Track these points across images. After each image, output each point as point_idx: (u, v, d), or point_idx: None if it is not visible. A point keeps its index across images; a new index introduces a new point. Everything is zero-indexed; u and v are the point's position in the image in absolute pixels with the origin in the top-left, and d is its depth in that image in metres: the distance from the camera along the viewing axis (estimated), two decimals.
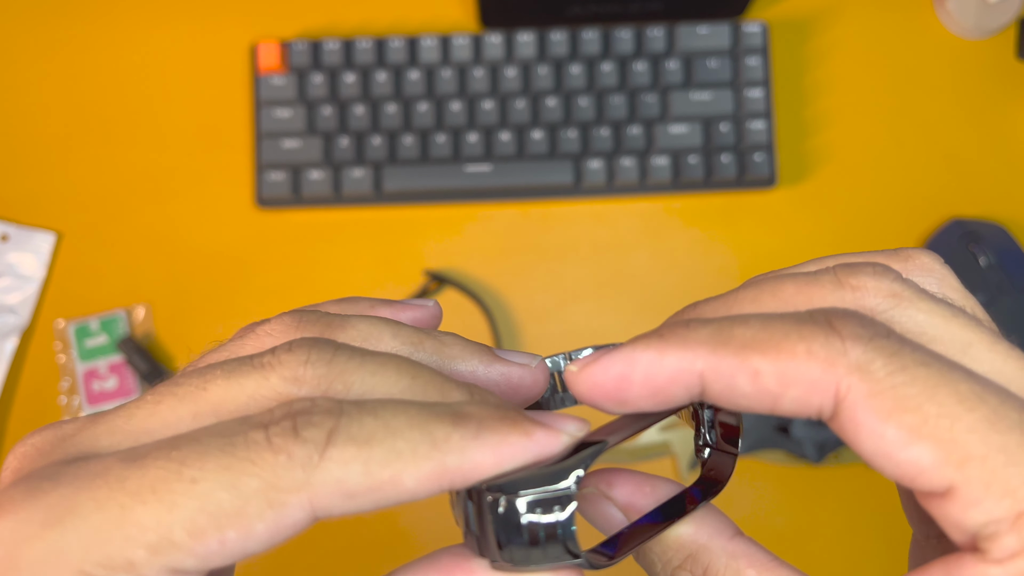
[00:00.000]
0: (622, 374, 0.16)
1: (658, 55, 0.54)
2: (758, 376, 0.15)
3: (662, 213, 0.55)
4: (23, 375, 0.53)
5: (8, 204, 0.54)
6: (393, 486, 0.14)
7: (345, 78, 0.53)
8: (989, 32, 0.56)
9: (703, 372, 0.15)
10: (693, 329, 0.16)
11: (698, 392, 0.15)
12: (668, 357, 0.15)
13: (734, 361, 0.15)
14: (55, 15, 0.56)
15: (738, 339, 0.15)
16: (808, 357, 0.14)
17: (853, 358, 0.14)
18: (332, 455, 0.14)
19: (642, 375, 0.16)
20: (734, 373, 0.15)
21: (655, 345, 0.16)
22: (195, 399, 0.15)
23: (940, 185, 0.55)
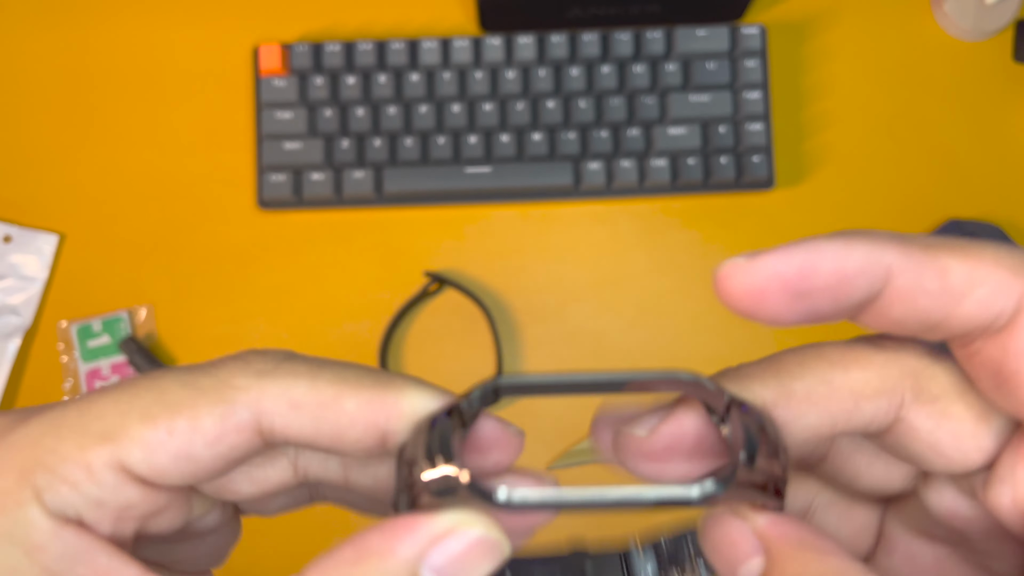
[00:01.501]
0: (807, 262, 0.14)
1: (657, 58, 0.55)
2: (946, 273, 0.14)
3: (661, 214, 0.55)
4: (26, 375, 0.53)
5: (11, 205, 0.55)
6: (335, 405, 0.15)
7: (346, 80, 0.54)
8: (986, 34, 0.56)
9: (891, 265, 0.14)
10: (875, 232, 0.15)
11: (879, 290, 0.15)
12: (857, 248, 0.15)
13: (924, 257, 0.14)
14: (58, 17, 0.57)
15: (924, 242, 0.15)
16: (996, 263, 0.14)
17: None
18: (285, 367, 0.15)
19: (830, 264, 0.14)
20: (922, 269, 0.14)
21: (839, 239, 0.15)
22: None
23: (937, 186, 0.56)
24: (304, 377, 0.15)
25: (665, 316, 0.54)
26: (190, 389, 0.14)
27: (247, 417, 0.14)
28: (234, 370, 0.15)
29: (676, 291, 0.55)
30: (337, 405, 0.15)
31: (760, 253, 0.15)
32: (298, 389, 0.15)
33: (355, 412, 0.15)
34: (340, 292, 0.54)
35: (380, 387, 0.15)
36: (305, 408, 0.15)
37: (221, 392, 0.14)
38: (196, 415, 0.14)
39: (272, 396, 0.15)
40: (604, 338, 0.54)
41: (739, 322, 0.54)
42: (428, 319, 0.54)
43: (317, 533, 0.52)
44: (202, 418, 0.14)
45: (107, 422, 0.14)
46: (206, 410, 0.14)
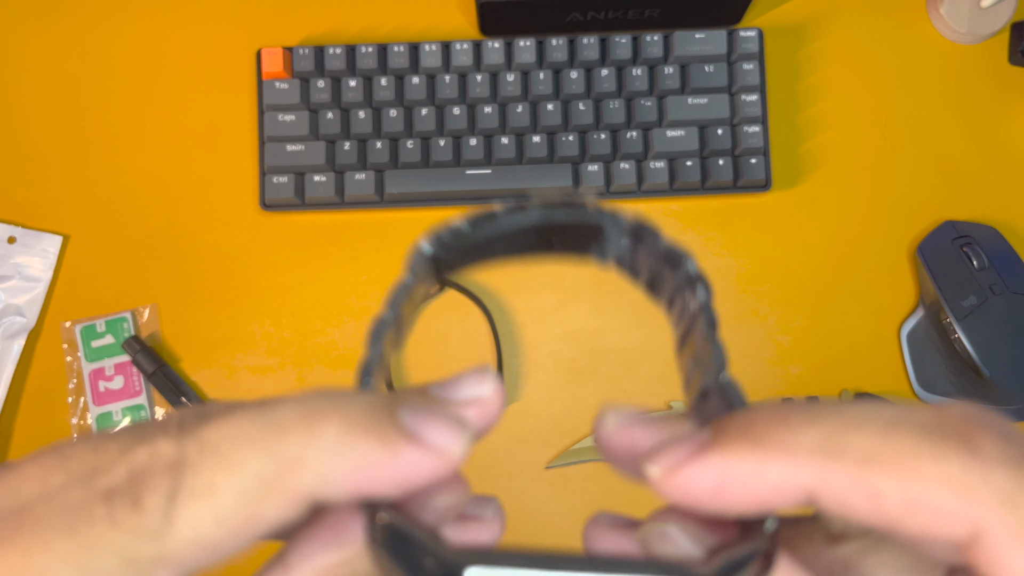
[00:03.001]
0: (718, 484, 0.13)
1: (655, 61, 0.55)
2: (878, 498, 0.12)
3: (659, 216, 0.56)
4: (30, 375, 0.54)
5: (16, 207, 0.55)
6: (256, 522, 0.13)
7: (348, 83, 0.54)
8: (982, 37, 0.57)
9: (812, 487, 0.13)
10: (796, 431, 0.13)
11: (803, 503, 0.13)
12: (770, 469, 0.13)
13: (850, 478, 0.13)
14: (61, 19, 0.57)
15: (854, 450, 0.13)
16: (942, 482, 0.12)
17: (998, 486, 0.12)
18: (179, 520, 0.13)
19: (740, 488, 0.13)
20: (849, 491, 0.13)
21: (751, 454, 0.13)
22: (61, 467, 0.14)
23: (933, 188, 0.56)
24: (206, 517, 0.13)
25: (663, 317, 0.55)
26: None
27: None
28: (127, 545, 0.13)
29: None
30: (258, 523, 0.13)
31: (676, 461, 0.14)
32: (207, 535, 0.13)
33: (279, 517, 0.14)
34: (342, 293, 0.55)
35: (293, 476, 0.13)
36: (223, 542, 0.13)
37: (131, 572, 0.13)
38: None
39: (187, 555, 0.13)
40: (603, 338, 0.54)
41: (736, 324, 0.55)
42: (429, 320, 0.55)
43: None
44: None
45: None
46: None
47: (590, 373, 0.54)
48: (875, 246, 0.56)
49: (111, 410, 0.53)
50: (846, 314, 0.55)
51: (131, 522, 0.13)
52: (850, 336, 0.55)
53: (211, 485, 0.13)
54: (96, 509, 0.13)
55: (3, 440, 0.53)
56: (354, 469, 0.13)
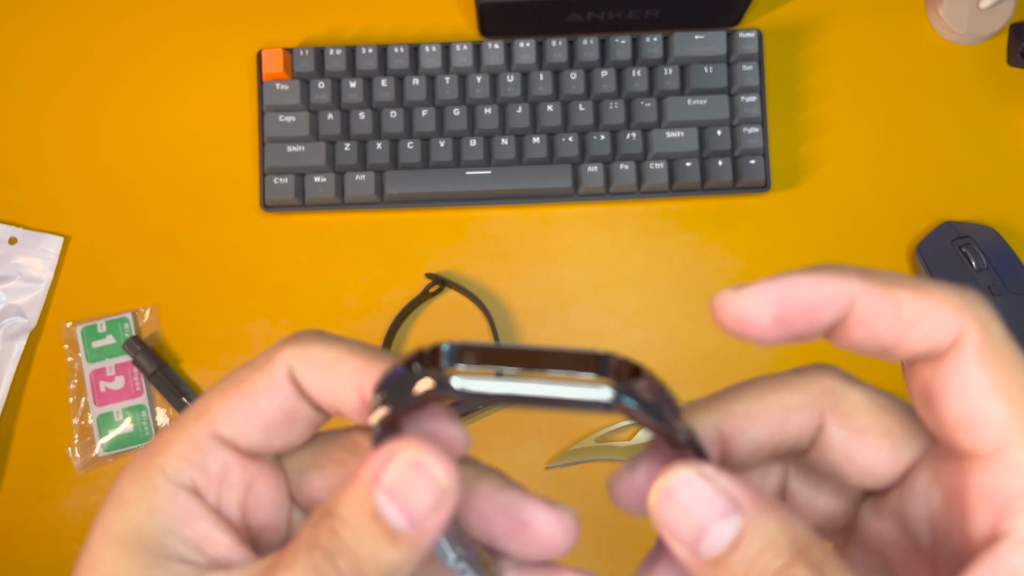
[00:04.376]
0: (783, 294, 0.17)
1: (655, 62, 0.55)
2: (899, 305, 0.17)
3: (659, 217, 0.56)
4: (31, 376, 0.54)
5: (17, 208, 0.55)
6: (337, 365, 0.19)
7: (348, 84, 0.54)
8: (981, 38, 0.57)
9: (854, 296, 0.17)
10: (843, 266, 0.18)
11: (844, 315, 0.17)
12: (826, 281, 0.17)
13: (883, 290, 0.17)
14: (62, 21, 0.57)
15: (885, 277, 0.17)
16: (944, 300, 0.17)
17: (979, 312, 0.16)
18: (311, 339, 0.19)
19: (802, 294, 0.17)
20: (880, 300, 0.17)
21: (811, 273, 0.17)
22: None
23: (932, 188, 0.56)
24: (321, 345, 0.18)
25: (663, 317, 0.55)
26: (249, 368, 0.19)
27: (283, 372, 0.18)
28: (278, 346, 0.19)
29: (674, 292, 0.55)
30: (338, 365, 0.18)
31: (746, 285, 0.17)
32: (315, 352, 0.18)
33: (347, 373, 0.18)
34: (342, 293, 0.55)
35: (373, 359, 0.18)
36: (317, 364, 0.18)
37: (267, 360, 0.19)
38: (254, 381, 0.18)
39: (297, 356, 0.18)
40: (602, 338, 0.55)
41: None
42: (429, 320, 0.55)
43: None
44: (257, 381, 0.18)
45: (199, 406, 0.18)
46: (259, 375, 0.18)
47: None
48: (874, 247, 0.56)
49: (112, 410, 0.53)
50: None
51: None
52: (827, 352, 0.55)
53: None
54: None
55: (4, 440, 0.53)
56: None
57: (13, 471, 0.53)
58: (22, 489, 0.53)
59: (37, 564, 0.52)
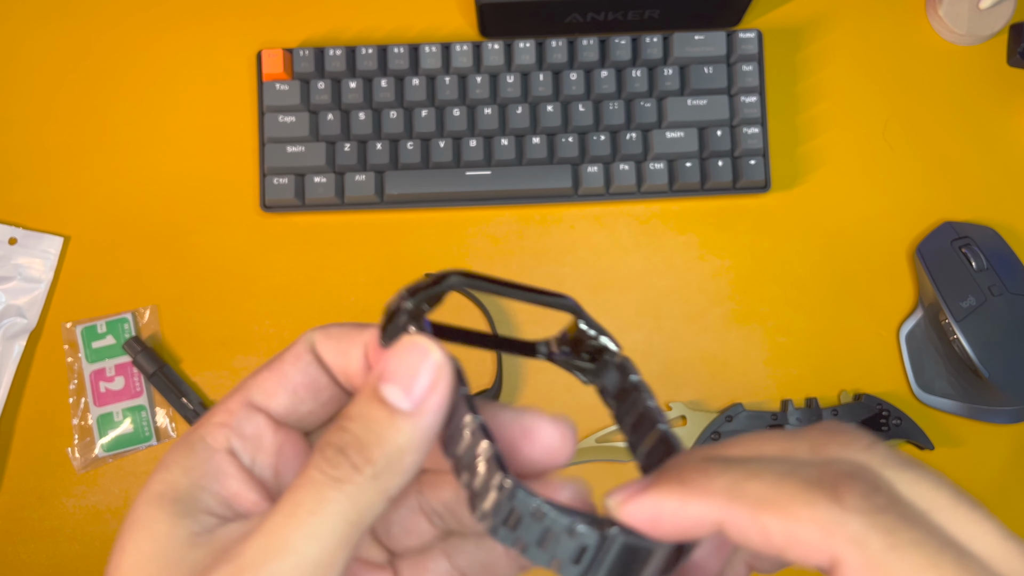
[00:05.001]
0: (653, 516, 0.18)
1: (655, 63, 0.55)
2: (766, 532, 0.16)
3: (658, 217, 0.56)
4: (31, 376, 0.54)
5: (17, 208, 0.55)
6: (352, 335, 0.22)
7: (348, 85, 0.54)
8: (981, 39, 0.57)
9: (719, 521, 0.17)
10: (712, 476, 0.17)
11: (716, 532, 0.17)
12: (690, 506, 0.17)
13: (748, 516, 0.17)
14: (63, 21, 0.57)
15: (751, 495, 0.17)
16: (811, 522, 0.16)
17: (852, 530, 0.15)
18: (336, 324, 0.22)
19: (669, 519, 0.18)
20: (746, 526, 0.17)
21: (677, 492, 0.18)
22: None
23: (932, 189, 0.56)
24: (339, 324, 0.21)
25: (663, 317, 0.55)
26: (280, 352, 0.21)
27: (306, 344, 0.21)
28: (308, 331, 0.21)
29: (673, 292, 0.55)
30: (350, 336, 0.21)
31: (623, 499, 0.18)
32: (333, 328, 0.21)
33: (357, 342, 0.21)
34: (342, 294, 0.55)
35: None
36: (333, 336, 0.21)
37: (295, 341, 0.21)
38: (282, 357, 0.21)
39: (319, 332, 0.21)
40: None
41: (734, 325, 0.55)
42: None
43: None
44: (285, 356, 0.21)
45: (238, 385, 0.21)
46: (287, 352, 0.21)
47: None
48: (874, 247, 0.56)
49: (112, 411, 0.53)
50: (845, 315, 0.55)
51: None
52: (849, 337, 0.55)
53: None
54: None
55: (4, 440, 0.53)
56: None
57: (13, 471, 0.53)
58: (22, 489, 0.53)
59: (37, 564, 0.52)
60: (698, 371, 0.54)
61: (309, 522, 0.17)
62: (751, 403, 0.54)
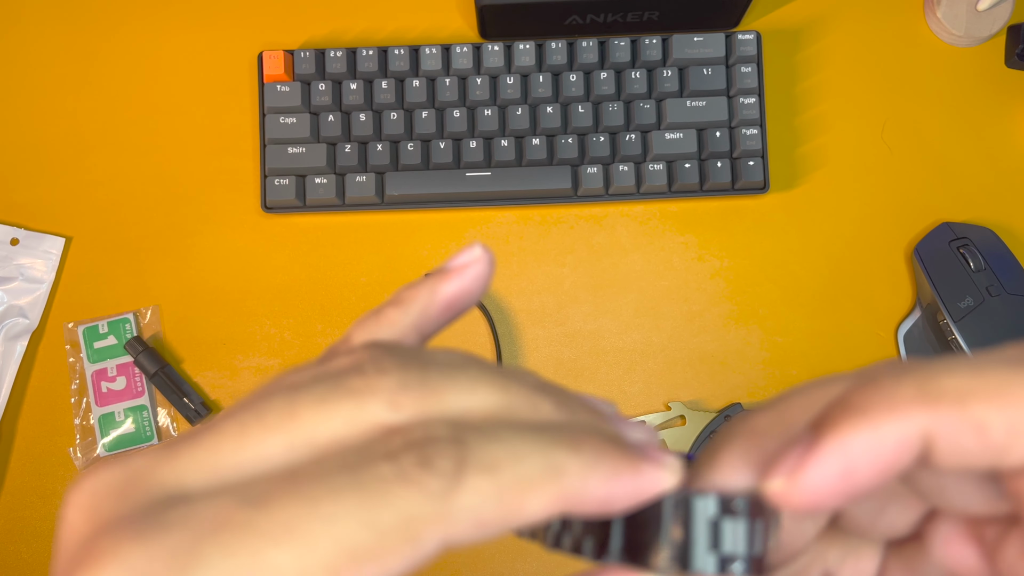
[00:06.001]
0: (845, 470, 0.14)
1: (654, 64, 0.55)
2: (984, 429, 0.13)
3: (658, 218, 0.56)
4: (33, 376, 0.54)
5: (18, 209, 0.56)
6: (519, 512, 0.14)
7: (349, 86, 0.55)
8: (978, 40, 0.57)
9: (925, 433, 0.13)
10: (892, 387, 0.14)
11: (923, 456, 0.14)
12: (885, 429, 0.14)
13: (956, 415, 0.13)
14: (65, 23, 0.58)
15: (951, 390, 0.13)
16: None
17: None
18: (467, 485, 0.13)
19: (866, 461, 0.14)
20: (957, 428, 0.13)
21: (861, 421, 0.14)
22: (286, 428, 0.14)
23: (930, 190, 0.56)
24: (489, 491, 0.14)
25: (662, 317, 0.55)
26: (372, 531, 0.13)
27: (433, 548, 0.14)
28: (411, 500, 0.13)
29: (673, 293, 0.55)
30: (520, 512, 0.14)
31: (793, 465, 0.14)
32: (485, 509, 0.14)
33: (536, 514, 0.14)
34: (343, 294, 0.55)
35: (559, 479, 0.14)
36: (491, 523, 0.14)
37: (407, 531, 0.13)
38: (384, 561, 0.13)
39: (460, 524, 0.14)
40: (602, 339, 0.55)
41: (733, 326, 0.55)
42: None
43: None
44: (390, 562, 0.13)
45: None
46: (393, 553, 0.13)
47: (590, 374, 0.54)
48: (872, 248, 0.56)
49: (113, 411, 0.53)
50: (843, 315, 0.55)
51: (420, 479, 0.13)
52: (847, 337, 0.55)
53: (495, 463, 0.14)
54: (383, 467, 0.13)
55: (6, 441, 0.53)
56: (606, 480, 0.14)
57: (15, 471, 0.53)
58: (24, 489, 0.53)
59: (38, 564, 0.53)
60: (697, 371, 0.55)
61: None
62: (750, 403, 0.54)
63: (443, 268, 0.19)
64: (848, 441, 0.14)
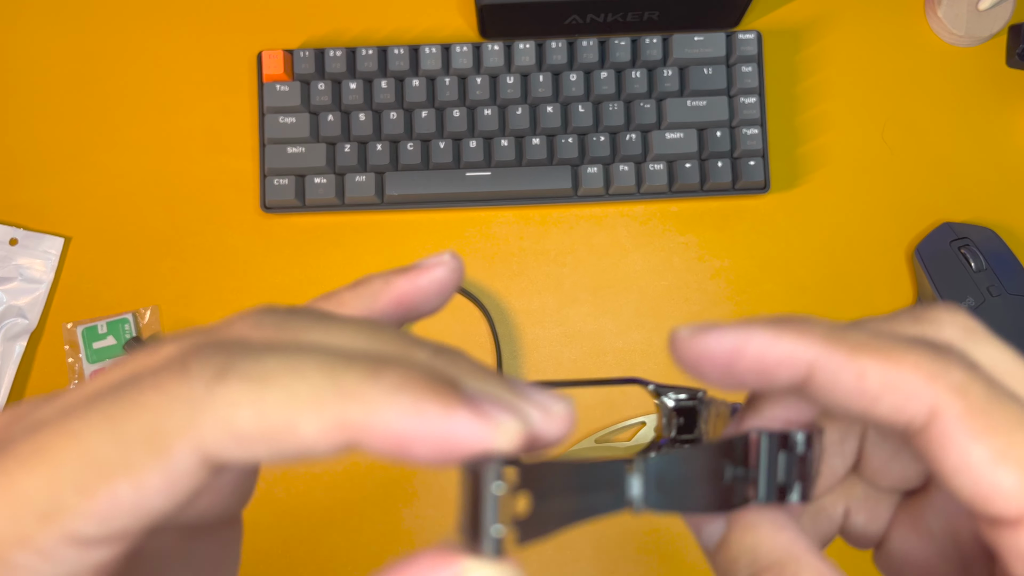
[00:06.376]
0: (735, 347, 0.16)
1: (654, 64, 0.55)
2: (863, 377, 0.15)
3: (658, 218, 0.56)
4: (32, 377, 0.54)
5: (17, 209, 0.55)
6: (289, 433, 0.12)
7: (348, 86, 0.55)
8: (979, 40, 0.57)
9: (812, 362, 0.16)
10: (808, 324, 0.16)
11: (800, 381, 0.16)
12: (783, 341, 0.16)
13: (844, 358, 0.15)
14: (64, 22, 0.57)
15: (851, 340, 0.16)
16: (914, 368, 0.15)
17: (955, 378, 0.15)
18: (220, 392, 0.12)
19: (755, 352, 0.16)
20: (841, 369, 0.15)
21: (771, 328, 0.16)
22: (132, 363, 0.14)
23: (931, 190, 0.56)
24: (246, 402, 0.12)
25: (662, 318, 0.55)
26: (117, 443, 0.12)
27: (190, 463, 0.13)
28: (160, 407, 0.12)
29: (673, 293, 0.55)
30: (291, 433, 0.13)
31: (702, 328, 0.16)
32: (241, 422, 0.12)
33: (314, 439, 0.13)
34: None
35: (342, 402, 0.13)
36: (253, 440, 0.12)
37: (153, 443, 0.12)
38: (136, 475, 0.12)
39: (213, 436, 0.12)
40: (602, 340, 0.55)
41: None
42: (429, 321, 0.55)
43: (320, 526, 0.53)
44: (143, 478, 0.12)
45: (40, 502, 0.12)
46: (144, 467, 0.12)
47: (590, 374, 0.54)
48: (873, 248, 0.56)
49: None
50: (844, 315, 0.55)
51: (170, 387, 0.12)
52: None
53: (264, 374, 0.12)
54: (144, 378, 0.13)
55: None
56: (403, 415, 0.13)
57: None
58: None
59: None
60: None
61: None
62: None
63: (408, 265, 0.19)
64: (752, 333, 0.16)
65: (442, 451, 0.13)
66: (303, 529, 0.53)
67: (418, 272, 0.19)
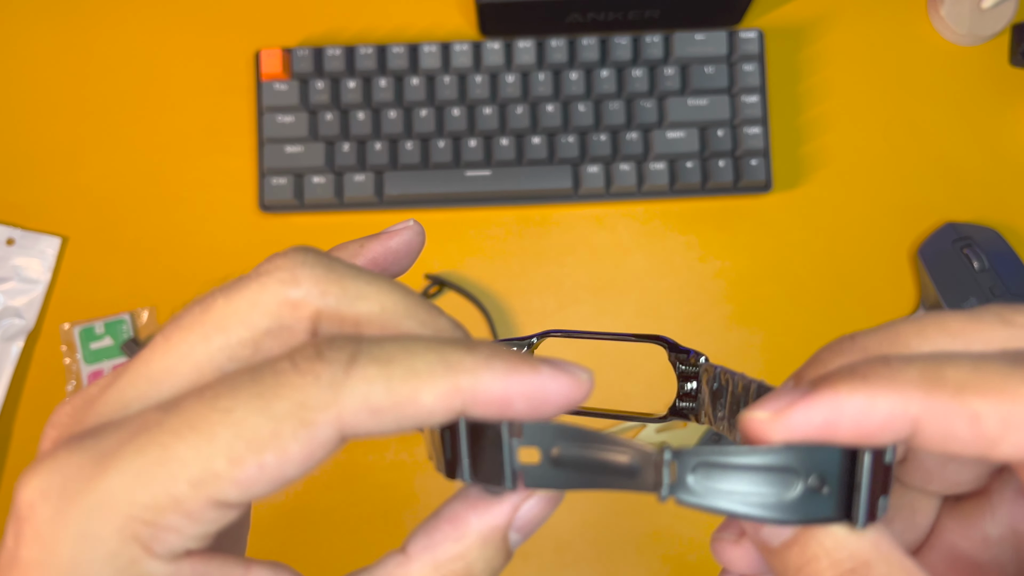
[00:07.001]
0: (827, 421, 0.14)
1: (655, 62, 0.55)
2: (977, 420, 0.14)
3: (659, 217, 0.56)
4: (29, 377, 0.54)
5: (14, 209, 0.55)
6: (413, 403, 0.15)
7: (347, 84, 0.54)
8: (983, 38, 0.57)
9: (917, 417, 0.14)
10: (898, 368, 0.15)
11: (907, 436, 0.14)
12: (879, 401, 0.14)
13: (952, 403, 0.14)
14: (61, 21, 0.57)
15: (952, 380, 0.14)
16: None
17: None
18: (356, 373, 0.14)
19: (851, 421, 0.14)
20: (951, 417, 0.14)
21: (861, 388, 0.14)
22: (200, 322, 0.16)
23: (934, 189, 0.56)
24: (378, 380, 0.15)
25: (663, 318, 0.55)
26: (267, 418, 0.14)
27: (331, 434, 0.15)
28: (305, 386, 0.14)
29: (674, 293, 0.55)
30: (415, 403, 0.15)
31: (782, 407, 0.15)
32: (375, 396, 0.15)
33: (432, 406, 0.15)
34: None
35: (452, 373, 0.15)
36: (384, 411, 0.15)
37: (300, 416, 0.14)
38: (282, 447, 0.14)
39: (352, 410, 0.14)
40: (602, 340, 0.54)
41: (735, 326, 0.55)
42: None
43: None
44: (288, 449, 0.14)
45: (194, 469, 0.14)
46: (290, 439, 0.14)
47: None
48: (875, 248, 0.55)
49: None
50: (846, 316, 0.55)
51: (313, 369, 0.14)
52: None
53: (388, 356, 0.15)
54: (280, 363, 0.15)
55: (2, 442, 0.53)
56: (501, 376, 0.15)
57: (11, 473, 0.53)
58: None
59: None
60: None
61: None
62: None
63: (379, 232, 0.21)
64: (842, 399, 0.14)
65: (538, 404, 0.15)
66: (303, 529, 0.52)
67: (388, 236, 0.21)
